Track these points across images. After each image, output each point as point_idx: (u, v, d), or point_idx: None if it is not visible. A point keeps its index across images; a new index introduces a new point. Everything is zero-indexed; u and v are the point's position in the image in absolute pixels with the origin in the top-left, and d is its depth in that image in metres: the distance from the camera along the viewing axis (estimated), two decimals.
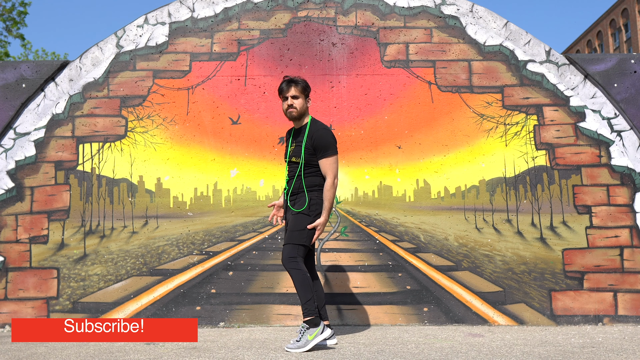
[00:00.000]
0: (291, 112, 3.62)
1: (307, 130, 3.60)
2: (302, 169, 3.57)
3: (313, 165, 3.59)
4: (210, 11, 4.97)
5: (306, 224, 3.51)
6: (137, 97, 4.85)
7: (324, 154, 3.56)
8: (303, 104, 3.63)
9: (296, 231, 3.51)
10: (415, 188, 4.78)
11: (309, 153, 3.56)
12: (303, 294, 3.40)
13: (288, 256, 3.47)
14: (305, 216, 3.52)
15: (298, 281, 3.42)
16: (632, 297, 4.51)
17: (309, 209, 3.54)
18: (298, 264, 3.45)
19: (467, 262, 4.62)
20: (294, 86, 3.61)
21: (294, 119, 3.66)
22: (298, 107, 3.60)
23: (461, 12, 4.94)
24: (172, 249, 4.69)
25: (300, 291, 3.41)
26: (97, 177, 4.78)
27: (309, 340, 3.31)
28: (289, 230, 3.57)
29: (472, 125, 4.80)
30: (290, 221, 3.58)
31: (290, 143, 3.69)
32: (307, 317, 3.37)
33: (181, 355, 3.18)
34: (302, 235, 3.50)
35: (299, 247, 3.49)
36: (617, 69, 4.80)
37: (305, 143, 3.57)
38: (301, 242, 3.50)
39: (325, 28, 4.95)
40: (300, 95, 3.61)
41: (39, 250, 4.65)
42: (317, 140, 3.55)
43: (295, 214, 3.54)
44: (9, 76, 4.86)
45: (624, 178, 4.67)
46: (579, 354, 3.13)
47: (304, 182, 3.57)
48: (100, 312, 4.55)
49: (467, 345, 3.49)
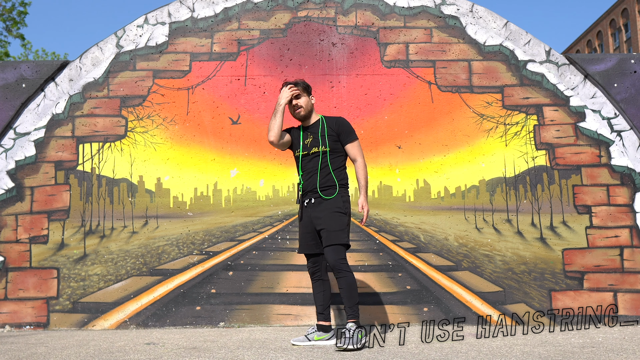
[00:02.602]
0: (299, 112, 3.63)
1: (324, 120, 3.63)
2: (329, 159, 3.54)
3: (338, 154, 3.59)
4: (210, 11, 4.98)
5: (344, 222, 3.48)
6: (137, 97, 4.85)
7: (349, 137, 3.60)
8: (308, 101, 3.65)
9: (337, 231, 3.43)
10: (415, 188, 4.78)
11: (332, 140, 3.56)
12: (354, 297, 3.41)
13: (338, 258, 3.41)
14: (341, 214, 3.48)
15: (349, 284, 3.41)
16: (632, 297, 4.51)
17: (344, 206, 3.50)
18: (348, 266, 3.45)
19: (467, 262, 4.62)
20: (294, 87, 3.64)
21: (303, 118, 3.66)
22: (304, 105, 3.62)
23: (461, 12, 4.94)
24: (172, 249, 4.69)
25: (351, 293, 3.41)
26: (97, 177, 4.78)
27: (360, 339, 3.32)
28: (326, 230, 3.43)
29: (472, 125, 4.80)
30: (325, 221, 3.47)
31: (303, 138, 3.65)
32: (355, 319, 3.39)
33: (181, 355, 3.18)
34: (344, 235, 3.46)
35: (343, 247, 3.46)
36: (617, 69, 4.80)
37: (327, 130, 3.57)
38: (344, 241, 3.45)
39: (325, 28, 4.95)
40: (303, 94, 3.63)
41: (39, 250, 4.65)
42: (340, 125, 3.60)
43: (330, 214, 3.46)
44: (9, 76, 4.86)
45: (624, 178, 4.67)
46: (579, 354, 3.12)
47: (333, 175, 3.54)
48: (100, 312, 4.55)
49: (467, 345, 3.49)
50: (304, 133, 3.67)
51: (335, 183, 3.53)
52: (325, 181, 3.53)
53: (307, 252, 3.60)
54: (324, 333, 3.57)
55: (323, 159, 3.55)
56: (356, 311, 3.41)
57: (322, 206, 3.50)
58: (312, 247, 3.58)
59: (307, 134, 3.65)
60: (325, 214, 3.47)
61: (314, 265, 3.61)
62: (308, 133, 3.65)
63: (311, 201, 3.55)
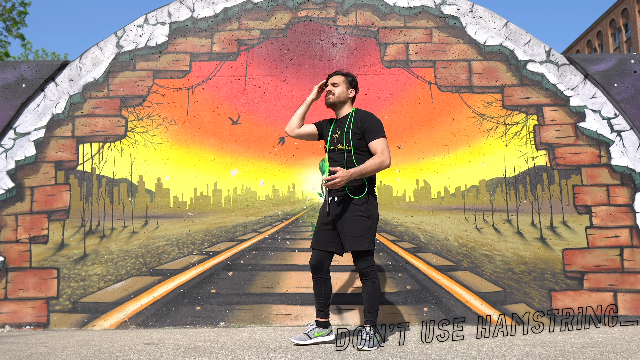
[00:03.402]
0: (328, 98, 3.61)
1: (353, 115, 3.57)
2: (354, 158, 3.48)
3: (364, 153, 3.52)
4: (210, 11, 4.98)
5: (368, 227, 3.44)
6: (137, 97, 4.85)
7: (373, 135, 3.48)
8: (343, 91, 3.61)
9: (358, 237, 3.40)
10: (415, 188, 4.78)
11: (357, 138, 3.50)
12: (377, 303, 3.46)
13: (368, 265, 3.42)
14: (365, 219, 3.44)
15: (375, 290, 3.44)
16: (632, 297, 4.51)
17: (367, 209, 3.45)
18: (376, 273, 3.47)
19: (467, 262, 4.62)
20: (337, 75, 3.64)
21: (331, 105, 3.63)
22: (336, 94, 3.59)
23: (461, 12, 4.94)
24: (172, 249, 4.69)
25: (375, 300, 3.45)
26: (97, 177, 4.78)
27: (378, 343, 3.40)
28: (351, 235, 3.40)
29: (472, 125, 4.80)
30: (347, 224, 3.43)
31: (333, 132, 3.61)
32: (374, 324, 3.44)
33: (181, 355, 3.18)
34: (366, 240, 3.42)
35: (370, 252, 3.45)
36: (617, 69, 4.80)
37: (351, 127, 3.51)
38: (367, 247, 3.42)
39: (325, 28, 4.95)
40: (342, 84, 3.61)
41: (39, 250, 4.65)
42: (365, 122, 3.51)
43: (354, 217, 3.42)
44: (9, 76, 4.86)
45: (624, 178, 4.67)
46: (579, 354, 3.12)
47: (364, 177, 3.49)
48: (100, 312, 4.55)
49: (467, 345, 3.49)
50: (334, 126, 3.63)
51: (365, 184, 3.48)
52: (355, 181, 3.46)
53: (320, 248, 3.54)
54: (323, 329, 3.57)
55: (348, 157, 3.50)
56: (375, 317, 3.46)
57: (346, 207, 3.46)
58: (325, 244, 3.53)
59: (337, 127, 3.61)
60: (347, 215, 3.44)
61: (317, 262, 3.54)
62: (337, 127, 3.60)
63: (334, 199, 3.50)
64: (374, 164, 3.44)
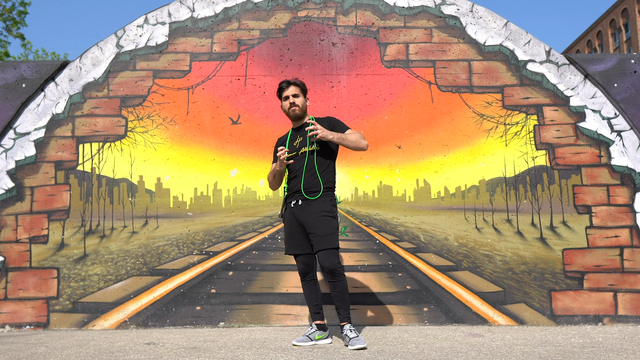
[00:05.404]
0: (294, 110, 3.63)
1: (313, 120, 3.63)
2: (315, 161, 3.52)
3: (327, 156, 3.57)
4: (210, 11, 4.98)
5: (335, 226, 3.49)
6: (137, 97, 4.85)
7: (346, 127, 3.63)
8: (304, 102, 3.67)
9: (328, 235, 3.44)
10: (415, 188, 4.78)
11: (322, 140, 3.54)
12: (348, 300, 3.50)
13: (336, 262, 3.44)
14: (331, 218, 3.49)
15: (344, 287, 3.47)
16: (632, 297, 4.51)
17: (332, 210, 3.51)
18: (344, 270, 3.50)
19: (467, 262, 4.62)
20: (294, 85, 3.65)
21: (297, 117, 3.66)
22: (300, 105, 3.63)
23: (461, 12, 4.94)
24: (172, 249, 4.69)
25: (347, 296, 3.48)
26: (97, 177, 4.78)
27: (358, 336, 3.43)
28: (318, 235, 3.43)
29: (472, 125, 4.80)
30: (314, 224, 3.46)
31: (292, 140, 3.66)
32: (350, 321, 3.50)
33: (181, 355, 3.18)
34: (335, 238, 3.48)
35: (337, 250, 3.48)
36: (617, 69, 4.80)
37: None
38: (336, 245, 3.48)
39: (325, 28, 4.95)
40: (300, 94, 3.66)
41: (39, 250, 4.65)
42: (331, 121, 3.64)
43: (319, 218, 3.45)
44: (9, 76, 4.86)
45: (624, 178, 4.67)
46: (579, 354, 3.12)
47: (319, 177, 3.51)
48: (100, 312, 4.55)
49: (467, 345, 3.49)
50: (292, 135, 3.68)
51: (320, 186, 3.51)
52: (310, 183, 3.51)
53: (297, 252, 3.58)
54: (323, 332, 3.58)
55: (309, 160, 3.54)
56: (349, 313, 3.53)
57: (310, 209, 3.50)
58: (301, 248, 3.56)
59: (296, 135, 3.66)
60: (313, 217, 3.47)
61: (305, 266, 3.59)
62: (297, 135, 3.65)
63: (298, 202, 3.54)
64: (354, 138, 3.54)
